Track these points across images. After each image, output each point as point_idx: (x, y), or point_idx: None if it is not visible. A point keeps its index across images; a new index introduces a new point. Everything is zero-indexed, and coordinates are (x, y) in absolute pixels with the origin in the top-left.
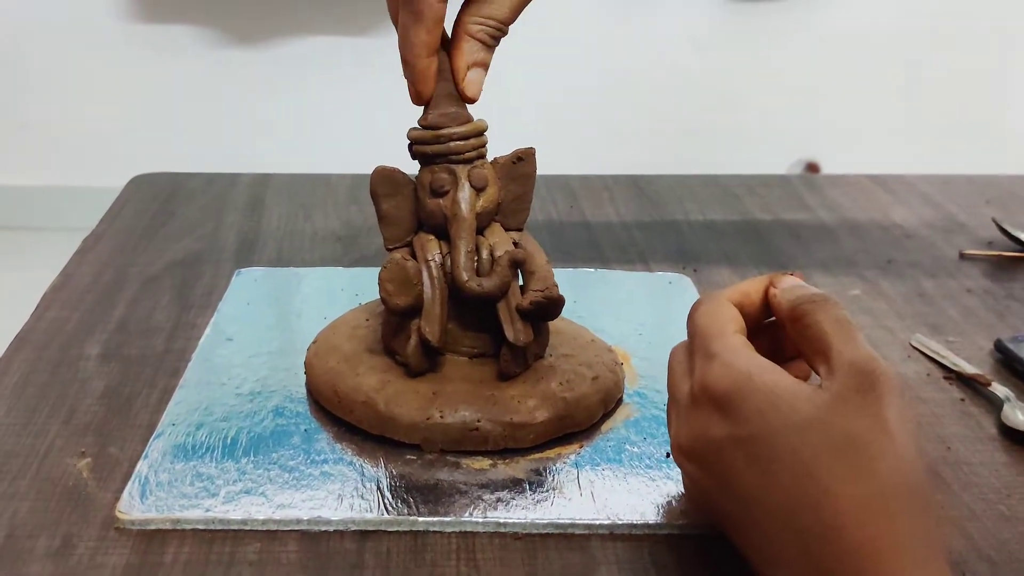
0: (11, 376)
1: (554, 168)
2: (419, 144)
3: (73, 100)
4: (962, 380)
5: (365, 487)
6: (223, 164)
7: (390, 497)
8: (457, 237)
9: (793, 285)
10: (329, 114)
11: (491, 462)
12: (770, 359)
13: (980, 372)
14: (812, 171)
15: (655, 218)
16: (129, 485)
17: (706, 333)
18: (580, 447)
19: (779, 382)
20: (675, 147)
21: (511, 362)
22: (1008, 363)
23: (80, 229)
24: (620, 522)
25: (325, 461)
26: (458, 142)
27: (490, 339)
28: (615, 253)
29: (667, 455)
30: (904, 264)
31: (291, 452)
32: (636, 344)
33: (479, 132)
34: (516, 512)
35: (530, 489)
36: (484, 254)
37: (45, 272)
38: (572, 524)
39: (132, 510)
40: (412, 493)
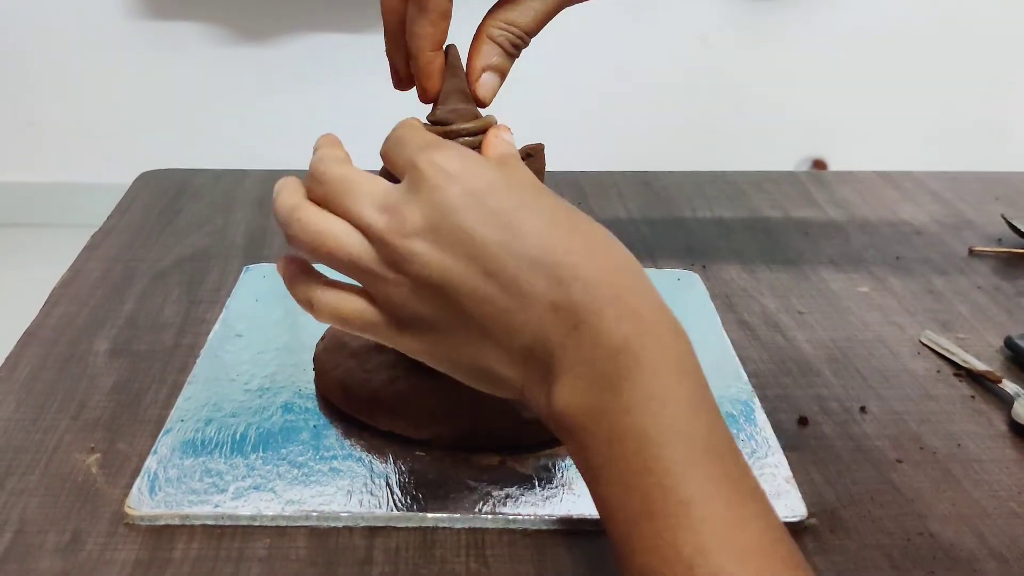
0: (20, 372)
1: (563, 164)
2: None
3: (81, 97)
4: (972, 377)
5: (374, 483)
6: (231, 160)
7: (399, 493)
8: None
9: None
10: (337, 111)
11: (500, 458)
12: None
13: (990, 369)
14: (819, 169)
15: (663, 215)
16: (138, 481)
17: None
18: None
19: (468, 151)
20: (683, 144)
21: None
22: (1018, 360)
23: (89, 225)
24: None
25: (334, 457)
26: (466, 138)
27: None
28: None
29: None
30: (913, 261)
31: (300, 448)
32: None
33: (487, 129)
34: (525, 508)
35: (539, 485)
36: None
37: (54, 268)
38: (581, 520)
39: (141, 506)
40: (421, 489)
